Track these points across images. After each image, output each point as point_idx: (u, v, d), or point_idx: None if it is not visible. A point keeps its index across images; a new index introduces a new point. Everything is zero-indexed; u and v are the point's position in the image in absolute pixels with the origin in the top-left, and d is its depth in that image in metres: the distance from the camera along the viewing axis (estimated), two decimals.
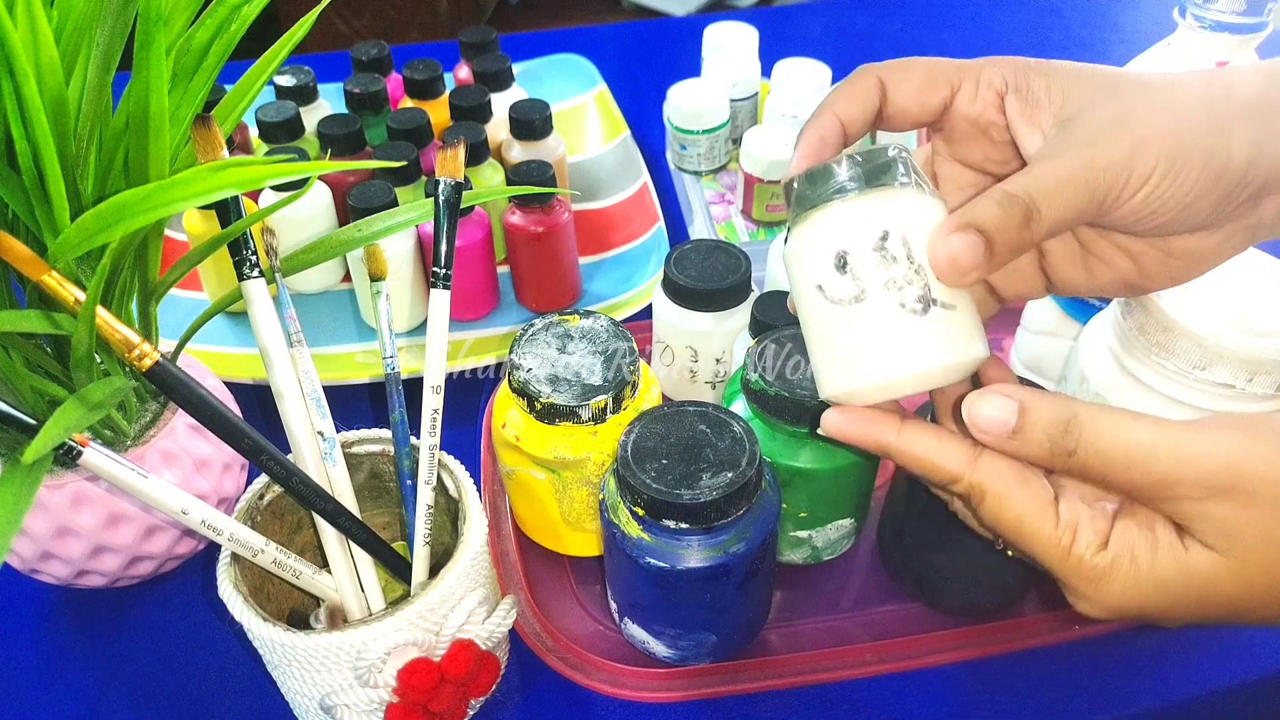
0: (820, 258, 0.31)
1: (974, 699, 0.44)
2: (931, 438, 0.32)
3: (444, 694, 0.38)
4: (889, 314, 0.30)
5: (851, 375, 0.31)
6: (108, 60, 0.35)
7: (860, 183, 0.31)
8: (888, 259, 0.30)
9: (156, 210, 0.31)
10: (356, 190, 0.58)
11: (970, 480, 0.32)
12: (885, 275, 0.30)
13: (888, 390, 0.31)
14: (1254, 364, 0.39)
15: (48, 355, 0.40)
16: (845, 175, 0.31)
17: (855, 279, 0.30)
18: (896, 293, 0.30)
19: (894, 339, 0.30)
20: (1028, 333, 0.58)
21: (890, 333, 0.30)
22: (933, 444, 0.32)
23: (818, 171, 0.31)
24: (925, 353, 0.30)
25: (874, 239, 0.30)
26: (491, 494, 0.52)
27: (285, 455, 0.38)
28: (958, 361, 0.31)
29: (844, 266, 0.30)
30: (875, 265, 0.30)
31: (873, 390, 0.31)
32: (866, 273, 0.30)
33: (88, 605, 0.49)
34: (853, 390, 0.31)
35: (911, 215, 0.30)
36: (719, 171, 0.76)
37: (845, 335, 0.31)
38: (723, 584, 0.40)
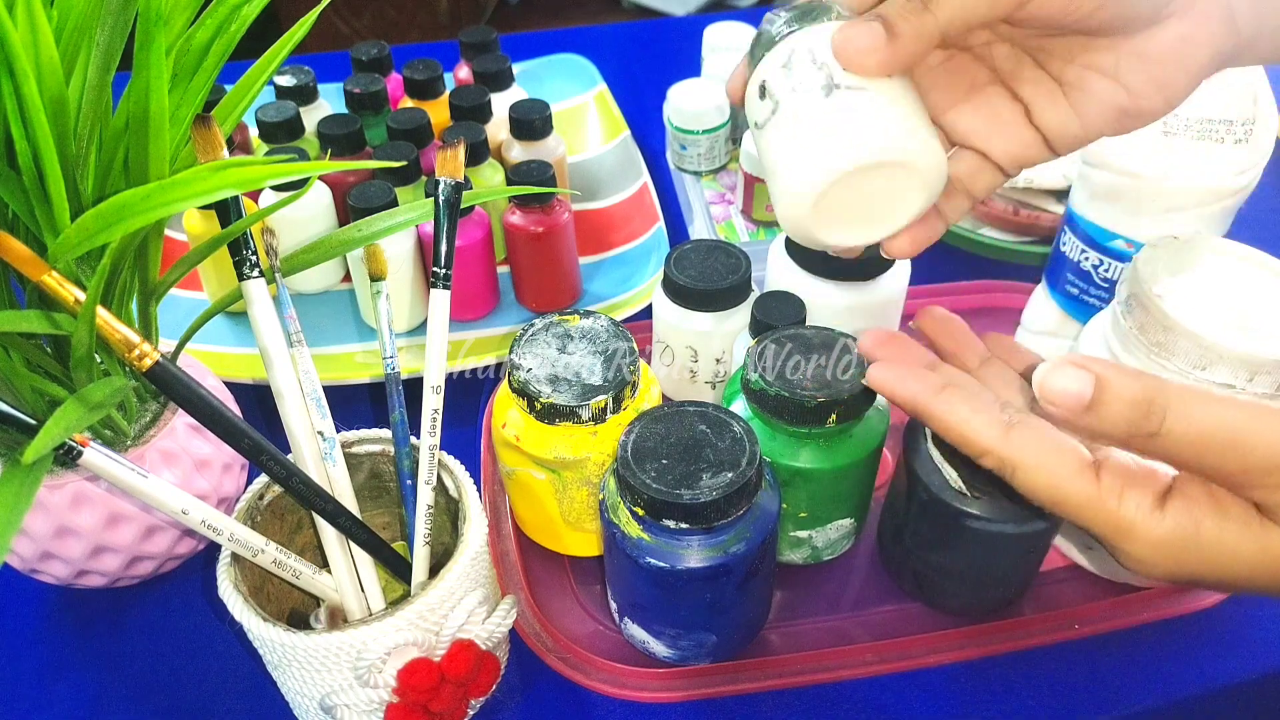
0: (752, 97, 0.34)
1: (974, 699, 0.44)
2: (967, 407, 0.32)
3: (444, 694, 0.38)
4: (799, 110, 0.32)
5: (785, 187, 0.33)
6: (108, 60, 0.35)
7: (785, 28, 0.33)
8: (790, 70, 0.32)
9: (156, 210, 0.31)
10: (356, 190, 0.58)
11: (1001, 455, 0.31)
12: (791, 82, 0.32)
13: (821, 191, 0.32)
14: (1254, 364, 0.39)
15: (48, 355, 0.40)
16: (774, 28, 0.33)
17: (770, 96, 0.32)
18: (804, 94, 0.32)
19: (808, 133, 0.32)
20: (1028, 333, 0.58)
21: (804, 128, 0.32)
22: (966, 413, 0.31)
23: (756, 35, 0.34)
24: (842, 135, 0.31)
25: (782, 61, 0.32)
26: (491, 494, 0.52)
27: (285, 455, 0.38)
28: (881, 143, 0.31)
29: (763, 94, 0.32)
30: (783, 79, 0.32)
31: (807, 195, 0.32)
32: (778, 87, 0.32)
33: (88, 605, 0.49)
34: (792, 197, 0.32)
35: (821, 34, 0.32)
36: (719, 171, 0.76)
37: (774, 152, 0.33)
38: (723, 584, 0.40)
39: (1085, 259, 0.52)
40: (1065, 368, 0.29)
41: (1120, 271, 0.50)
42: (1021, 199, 0.71)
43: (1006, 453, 0.31)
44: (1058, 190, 0.71)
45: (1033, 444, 0.31)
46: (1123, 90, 0.34)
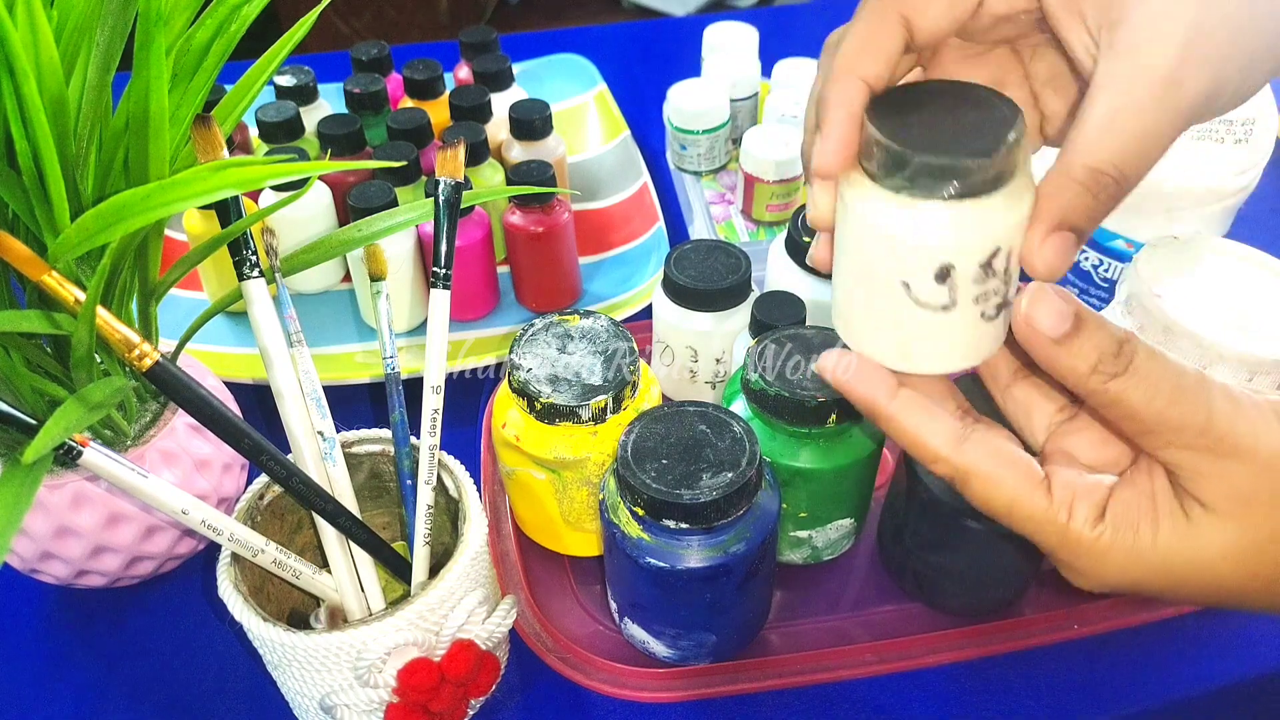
0: (919, 260, 0.28)
1: (974, 699, 0.44)
2: (922, 412, 0.31)
3: (444, 694, 0.38)
4: (967, 324, 0.29)
5: (903, 361, 0.31)
6: (108, 60, 0.35)
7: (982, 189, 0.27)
8: (988, 275, 0.29)
9: (156, 210, 0.31)
10: (356, 190, 0.58)
11: (955, 463, 0.31)
12: (979, 290, 0.29)
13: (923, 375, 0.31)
14: (1254, 364, 0.39)
15: (48, 355, 0.40)
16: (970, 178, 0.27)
17: (951, 291, 0.28)
18: (981, 306, 0.29)
19: (962, 340, 0.30)
20: None
21: (962, 339, 0.30)
22: (922, 418, 0.31)
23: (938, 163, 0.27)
24: (982, 349, 0.30)
25: (984, 257, 0.28)
26: (491, 494, 0.52)
27: (285, 455, 0.38)
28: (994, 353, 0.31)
29: (944, 279, 0.28)
30: (974, 281, 0.28)
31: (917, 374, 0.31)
32: (964, 288, 0.28)
33: (88, 605, 0.49)
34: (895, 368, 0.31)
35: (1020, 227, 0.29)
36: (719, 171, 0.76)
37: (915, 332, 0.30)
38: (723, 584, 0.40)
39: (1085, 259, 0.52)
40: (1051, 297, 0.29)
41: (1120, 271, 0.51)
42: None
43: (960, 461, 0.31)
44: None
45: (988, 455, 0.31)
46: None
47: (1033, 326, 0.29)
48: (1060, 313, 0.29)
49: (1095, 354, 0.29)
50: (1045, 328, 0.29)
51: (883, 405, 0.31)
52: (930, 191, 0.27)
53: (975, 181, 0.27)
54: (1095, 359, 0.29)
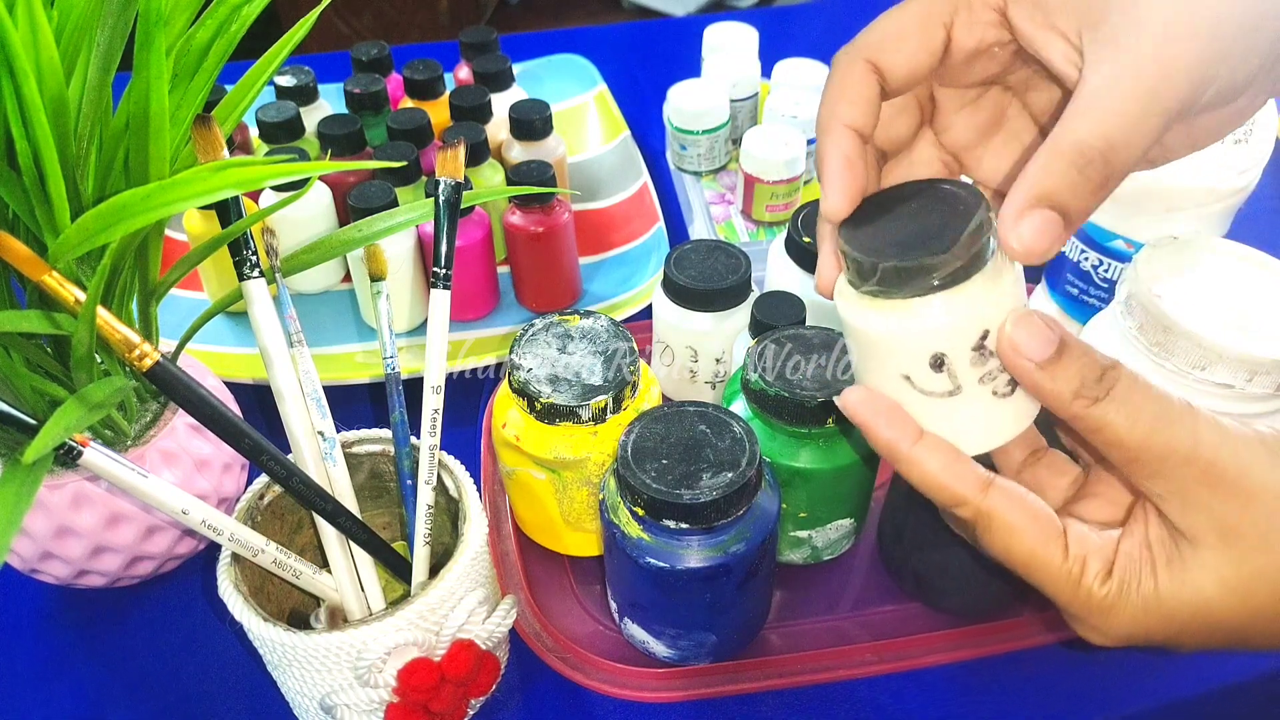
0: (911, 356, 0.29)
1: (974, 699, 0.44)
2: (946, 455, 0.31)
3: (444, 694, 0.38)
4: (980, 404, 0.30)
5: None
6: (108, 60, 0.35)
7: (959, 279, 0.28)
8: (985, 356, 0.29)
9: (157, 210, 0.31)
10: (357, 190, 0.58)
11: (979, 507, 0.31)
12: (981, 371, 0.29)
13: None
14: (1254, 364, 0.39)
15: (48, 355, 0.40)
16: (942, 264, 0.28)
17: (951, 378, 0.29)
18: (990, 384, 0.30)
19: (981, 422, 0.30)
20: None
21: (978, 418, 0.30)
22: (947, 462, 0.31)
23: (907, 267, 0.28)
24: (1008, 427, 0.31)
25: (973, 340, 0.29)
26: (491, 494, 0.52)
27: (285, 455, 0.38)
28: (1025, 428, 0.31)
29: (940, 367, 0.29)
30: (972, 364, 0.29)
31: None
32: (963, 372, 0.29)
33: (88, 605, 0.49)
34: None
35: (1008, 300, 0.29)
36: (719, 172, 0.76)
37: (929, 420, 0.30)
38: (723, 584, 0.40)
39: (1085, 259, 0.52)
40: (1033, 321, 0.29)
41: (1120, 271, 0.51)
42: None
43: (984, 505, 0.31)
44: None
45: (1012, 503, 0.31)
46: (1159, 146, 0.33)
47: (1017, 351, 0.29)
48: (1045, 338, 0.29)
49: (1078, 379, 0.29)
50: (1029, 352, 0.29)
51: (903, 451, 0.31)
52: (905, 291, 0.28)
53: (945, 275, 0.28)
54: (1078, 384, 0.29)
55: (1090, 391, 0.29)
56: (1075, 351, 0.29)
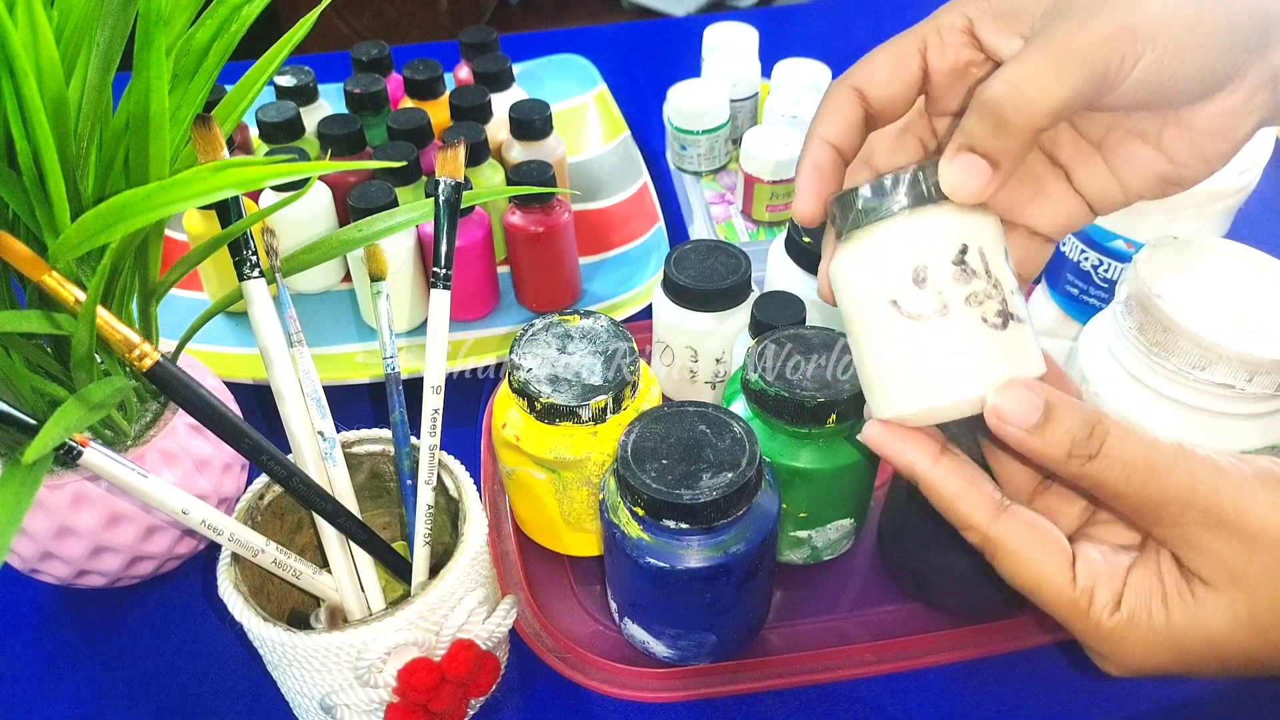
0: (893, 271, 0.29)
1: (974, 699, 0.44)
2: (962, 479, 0.31)
3: (444, 694, 0.38)
4: (972, 329, 0.29)
5: (928, 393, 0.30)
6: (108, 60, 0.35)
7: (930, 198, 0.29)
8: (967, 273, 0.29)
9: (157, 210, 0.31)
10: (357, 190, 0.58)
11: (987, 534, 0.31)
12: (967, 289, 0.29)
13: (961, 408, 0.30)
14: (1254, 364, 0.39)
15: (48, 355, 0.40)
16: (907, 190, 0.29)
17: (938, 293, 0.29)
18: (978, 307, 0.29)
19: (975, 356, 0.29)
20: None
21: (972, 349, 0.29)
22: (961, 486, 0.31)
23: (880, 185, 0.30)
24: (1003, 368, 0.30)
25: (953, 252, 0.29)
26: (491, 494, 0.52)
27: (285, 455, 0.38)
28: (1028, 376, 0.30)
29: (922, 281, 0.29)
30: (955, 279, 0.29)
31: (948, 409, 0.30)
32: (947, 287, 0.29)
33: (88, 605, 0.49)
34: (929, 409, 0.30)
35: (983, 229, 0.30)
36: (719, 172, 0.76)
37: (921, 352, 0.30)
38: (723, 584, 0.40)
39: (1085, 259, 0.52)
40: (1016, 388, 0.29)
41: (1120, 271, 0.50)
42: None
43: (993, 533, 0.31)
44: None
45: (1021, 531, 0.31)
46: (1164, 158, 0.34)
47: (1004, 418, 0.29)
48: (1030, 403, 0.29)
49: (1069, 439, 0.29)
50: (1016, 419, 0.29)
51: (923, 470, 0.32)
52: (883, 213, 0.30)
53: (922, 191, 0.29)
54: (1069, 444, 0.29)
55: (1083, 449, 0.29)
56: (1062, 412, 0.29)
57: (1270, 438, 0.42)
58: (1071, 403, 0.30)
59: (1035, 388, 0.30)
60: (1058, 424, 0.29)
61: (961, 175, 0.29)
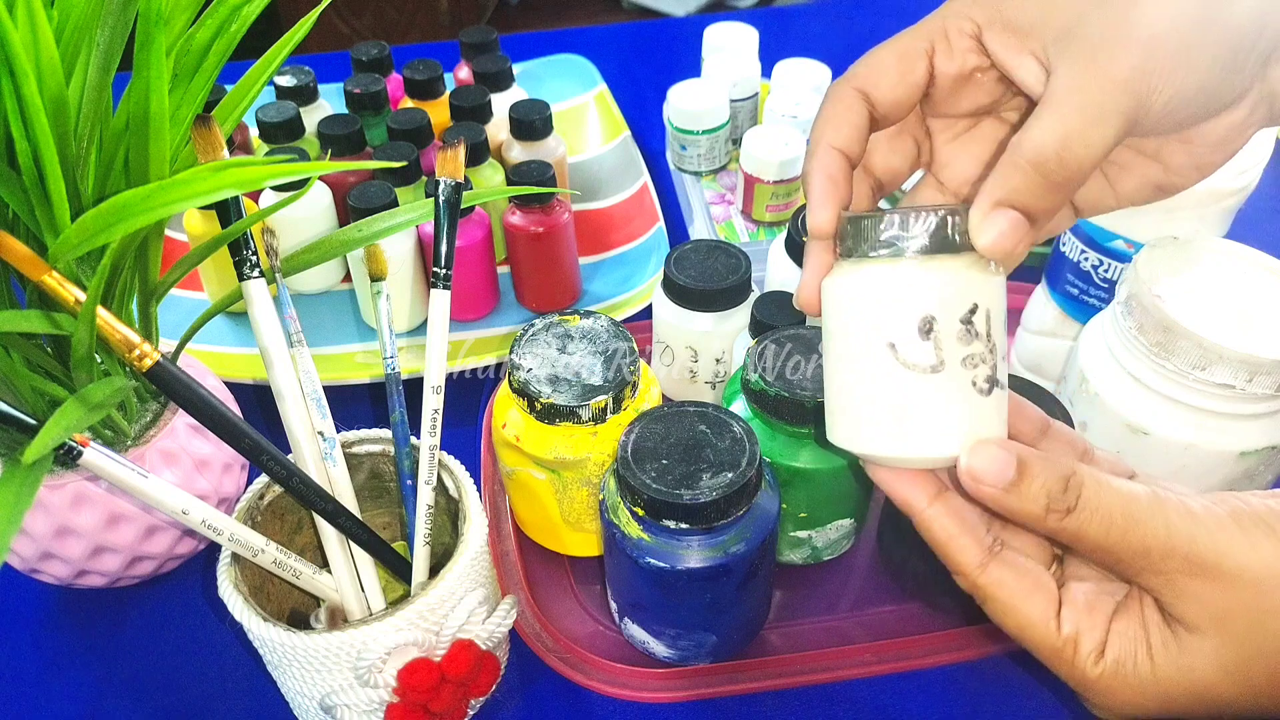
0: (900, 315, 0.29)
1: (974, 699, 0.44)
2: (954, 523, 0.32)
3: (444, 694, 0.38)
4: (961, 392, 0.29)
5: (901, 443, 0.30)
6: (108, 60, 0.35)
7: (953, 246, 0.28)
8: (971, 334, 0.29)
9: (157, 210, 0.31)
10: (357, 190, 0.58)
11: (976, 582, 0.32)
12: (966, 351, 0.29)
13: (927, 463, 0.31)
14: (1254, 364, 0.39)
15: (48, 355, 0.40)
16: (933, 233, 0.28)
17: (937, 349, 0.29)
18: (972, 370, 0.29)
19: (957, 418, 0.29)
20: (1027, 333, 0.58)
21: (955, 411, 0.29)
22: (953, 530, 0.32)
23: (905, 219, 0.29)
24: (979, 428, 0.30)
25: (964, 311, 0.28)
26: (491, 494, 0.52)
27: (285, 455, 0.38)
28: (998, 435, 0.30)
29: (927, 333, 0.28)
30: (959, 338, 0.29)
31: (914, 461, 0.31)
32: (949, 344, 0.28)
33: (88, 605, 0.49)
34: (898, 458, 0.31)
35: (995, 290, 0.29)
36: (719, 172, 0.76)
37: (907, 401, 0.29)
38: (722, 584, 0.40)
39: (1085, 259, 0.52)
40: (988, 447, 0.29)
41: (1120, 272, 0.50)
42: None
43: (981, 582, 0.32)
44: None
45: (1008, 581, 0.31)
46: (1161, 168, 0.34)
47: (978, 479, 0.30)
48: (1002, 462, 0.29)
49: (1044, 495, 0.29)
50: (990, 479, 0.29)
51: (919, 508, 0.32)
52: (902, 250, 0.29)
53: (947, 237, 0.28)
54: (1045, 500, 0.29)
55: (1059, 504, 0.29)
56: (1035, 468, 0.29)
57: (1270, 438, 0.42)
58: (1043, 458, 0.30)
59: (1007, 446, 0.30)
60: (1032, 480, 0.29)
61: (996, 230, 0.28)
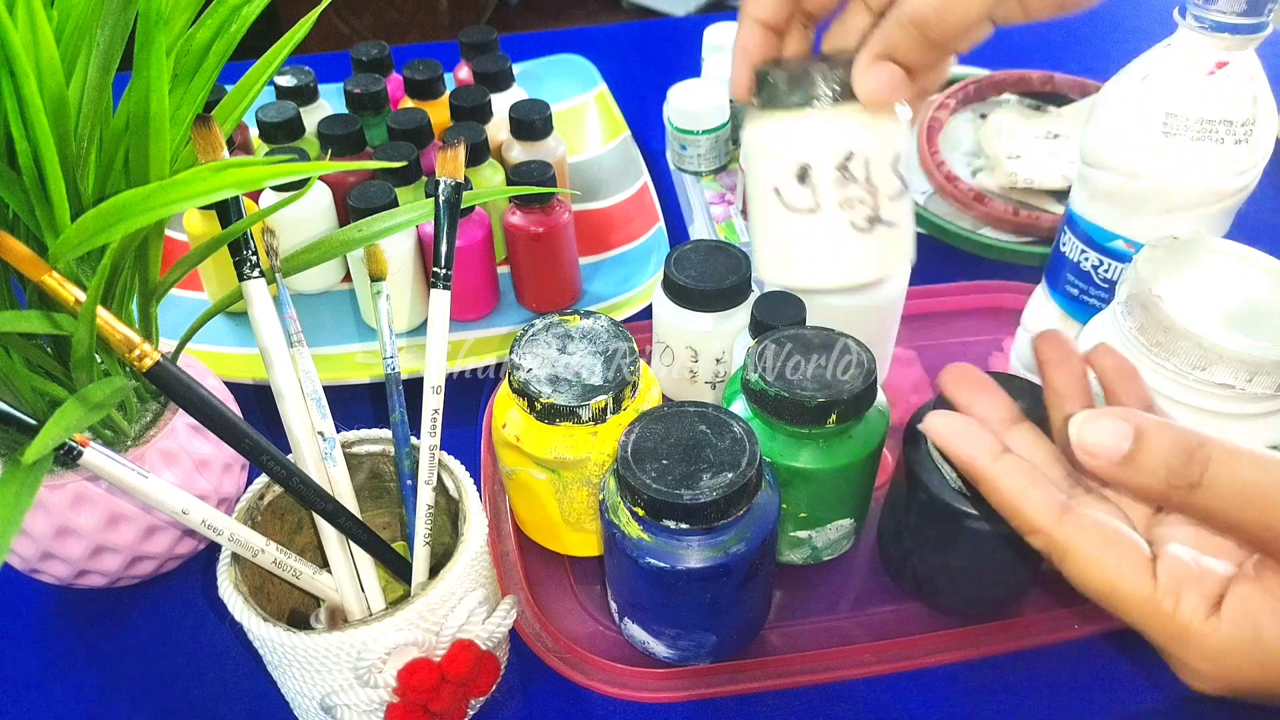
0: (781, 163, 0.31)
1: (974, 699, 0.44)
2: (1024, 477, 0.30)
3: (444, 694, 0.38)
4: (837, 230, 0.31)
5: (788, 272, 0.33)
6: (108, 60, 0.35)
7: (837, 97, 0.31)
8: (846, 179, 0.30)
9: (157, 210, 0.31)
10: (357, 190, 0.58)
11: (1053, 536, 0.29)
12: (841, 194, 0.31)
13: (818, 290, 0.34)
14: (1254, 364, 0.39)
15: (48, 355, 0.40)
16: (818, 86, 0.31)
17: (813, 192, 0.31)
18: (848, 211, 0.31)
19: (836, 252, 0.31)
20: (1028, 333, 0.58)
21: (833, 246, 0.31)
22: (1023, 484, 0.29)
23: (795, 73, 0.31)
24: (860, 267, 0.32)
25: (838, 158, 0.30)
26: (491, 494, 0.52)
27: (285, 455, 0.38)
28: (887, 274, 0.32)
29: (804, 179, 0.31)
30: (833, 183, 0.31)
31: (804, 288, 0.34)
32: (824, 189, 0.31)
33: (88, 605, 0.49)
34: (786, 285, 0.33)
35: (877, 137, 0.31)
36: (719, 172, 0.76)
37: (791, 237, 0.32)
38: (723, 584, 0.40)
39: (1085, 259, 0.52)
40: (1103, 418, 0.27)
41: (1120, 272, 0.50)
42: (1021, 199, 0.71)
43: (1059, 535, 0.29)
44: (1058, 190, 0.71)
45: (1090, 531, 0.29)
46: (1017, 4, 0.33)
47: (1089, 452, 0.27)
48: (1117, 431, 0.27)
49: (1164, 467, 0.27)
50: (1106, 450, 0.27)
51: (982, 465, 0.30)
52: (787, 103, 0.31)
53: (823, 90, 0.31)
54: (1166, 473, 0.27)
55: (1182, 478, 0.27)
56: (1154, 437, 0.27)
57: (1271, 438, 0.42)
58: (1164, 426, 0.27)
59: (1123, 414, 0.27)
60: (1151, 450, 0.27)
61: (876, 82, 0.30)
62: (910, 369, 0.61)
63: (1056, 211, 0.70)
